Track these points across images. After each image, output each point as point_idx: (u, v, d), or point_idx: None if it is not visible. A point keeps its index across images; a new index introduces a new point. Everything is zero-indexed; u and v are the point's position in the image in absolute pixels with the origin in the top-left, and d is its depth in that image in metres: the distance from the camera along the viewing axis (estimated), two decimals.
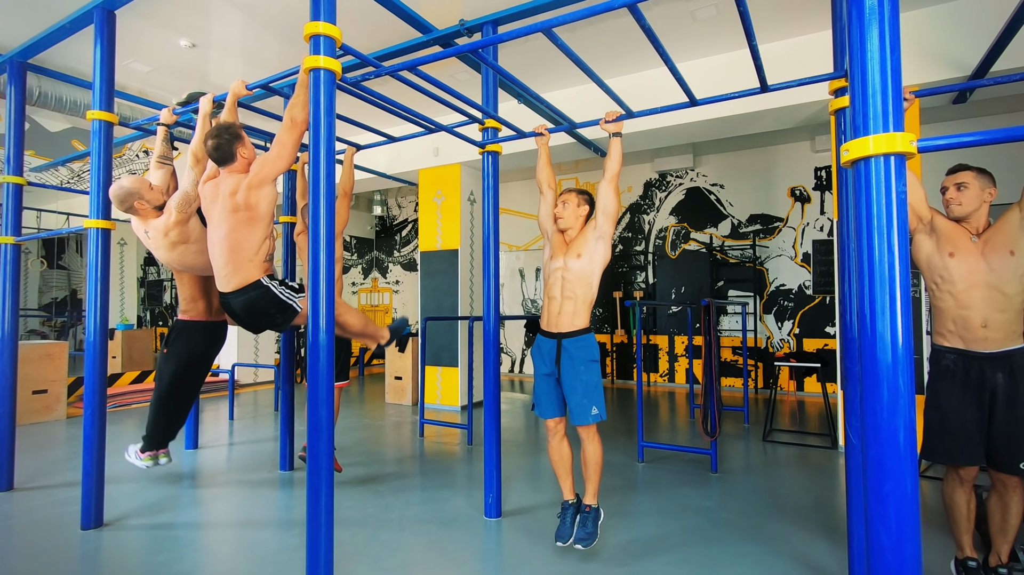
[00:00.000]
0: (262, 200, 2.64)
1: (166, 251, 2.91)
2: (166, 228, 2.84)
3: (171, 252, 2.91)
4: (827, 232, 6.97)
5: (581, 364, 2.60)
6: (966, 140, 1.20)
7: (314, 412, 2.03)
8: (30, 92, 4.43)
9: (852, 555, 2.27)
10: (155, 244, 2.92)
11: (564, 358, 2.64)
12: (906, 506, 1.16)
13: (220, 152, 2.65)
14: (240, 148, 2.68)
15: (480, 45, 2.28)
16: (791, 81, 2.61)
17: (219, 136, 2.64)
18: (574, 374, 2.60)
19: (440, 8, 4.03)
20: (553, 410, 2.73)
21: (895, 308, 1.18)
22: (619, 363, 8.27)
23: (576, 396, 2.59)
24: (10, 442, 3.61)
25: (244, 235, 2.66)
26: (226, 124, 2.70)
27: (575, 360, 2.61)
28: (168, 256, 2.94)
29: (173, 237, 2.86)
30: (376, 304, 10.79)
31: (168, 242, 2.87)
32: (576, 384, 2.60)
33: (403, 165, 6.74)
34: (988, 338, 2.13)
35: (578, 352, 2.62)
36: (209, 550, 2.78)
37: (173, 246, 2.88)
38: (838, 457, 4.29)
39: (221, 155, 2.66)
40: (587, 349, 2.63)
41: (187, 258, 2.94)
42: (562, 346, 2.64)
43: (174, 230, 2.84)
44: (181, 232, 2.86)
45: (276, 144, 2.58)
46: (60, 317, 12.75)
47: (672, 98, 4.60)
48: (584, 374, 2.60)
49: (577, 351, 2.62)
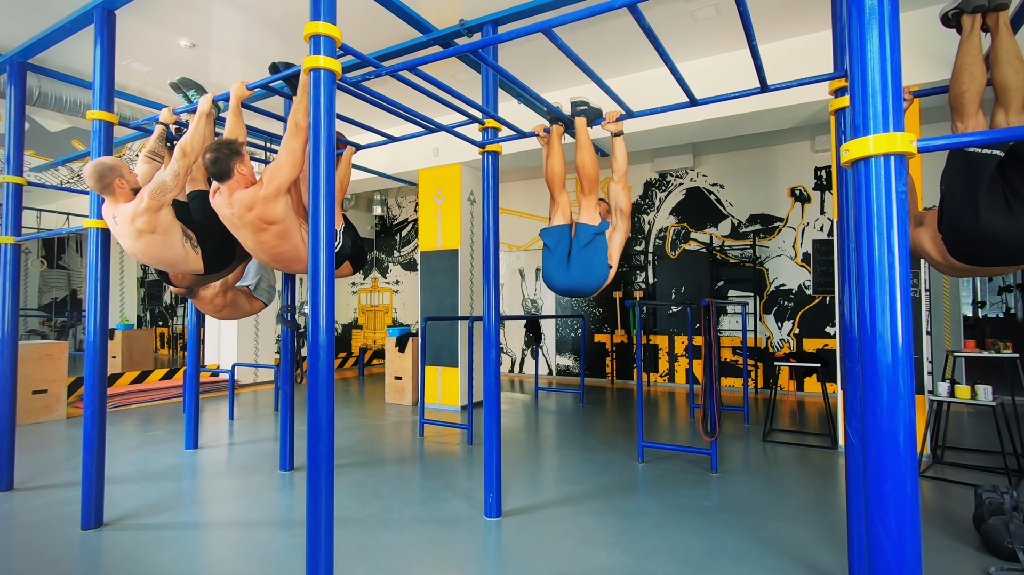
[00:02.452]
0: (280, 210, 2.64)
1: (131, 239, 2.78)
2: (135, 214, 2.71)
3: (136, 241, 2.77)
4: (827, 232, 6.97)
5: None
6: (966, 140, 1.20)
7: (314, 412, 2.03)
8: (30, 92, 4.43)
9: (852, 555, 2.27)
10: (121, 231, 2.79)
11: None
12: (906, 506, 1.16)
13: (217, 167, 2.60)
14: (238, 165, 2.63)
15: (480, 45, 2.28)
16: (791, 81, 2.61)
17: (218, 151, 2.60)
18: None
19: (440, 8, 4.03)
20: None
21: (895, 308, 1.18)
22: (619, 363, 8.27)
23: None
24: (10, 442, 3.61)
25: (287, 247, 2.70)
26: (227, 140, 2.67)
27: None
28: (133, 245, 2.80)
29: (140, 224, 2.71)
30: (376, 304, 10.79)
31: (134, 229, 2.73)
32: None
33: (403, 165, 6.74)
34: None
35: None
36: (209, 550, 2.78)
37: (139, 234, 2.74)
38: (838, 457, 4.29)
39: (218, 170, 2.61)
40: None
41: (152, 249, 2.80)
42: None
43: (142, 217, 2.70)
44: (149, 220, 2.71)
45: (284, 151, 2.56)
46: (60, 317, 12.76)
47: (672, 98, 4.60)
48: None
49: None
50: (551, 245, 2.85)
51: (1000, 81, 2.05)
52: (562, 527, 2.99)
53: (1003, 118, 2.05)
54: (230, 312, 3.93)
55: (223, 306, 3.84)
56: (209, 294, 3.76)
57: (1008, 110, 2.03)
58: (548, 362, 8.89)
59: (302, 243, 2.76)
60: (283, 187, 2.60)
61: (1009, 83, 2.02)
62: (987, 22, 2.11)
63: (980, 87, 2.06)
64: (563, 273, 2.80)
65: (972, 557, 2.60)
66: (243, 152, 2.68)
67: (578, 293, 2.84)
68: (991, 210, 1.94)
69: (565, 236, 2.84)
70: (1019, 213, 1.91)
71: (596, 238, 2.75)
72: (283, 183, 2.60)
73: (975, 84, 2.06)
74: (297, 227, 2.74)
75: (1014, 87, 2.02)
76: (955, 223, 2.05)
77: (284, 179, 2.60)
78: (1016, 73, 2.02)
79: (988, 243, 2.00)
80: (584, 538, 2.85)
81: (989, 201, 1.95)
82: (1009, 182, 1.93)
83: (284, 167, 2.57)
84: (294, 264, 2.84)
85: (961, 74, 2.08)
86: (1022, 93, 2.02)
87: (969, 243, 2.05)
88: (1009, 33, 2.07)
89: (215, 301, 3.79)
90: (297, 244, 2.75)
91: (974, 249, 2.06)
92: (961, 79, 2.08)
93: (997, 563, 2.52)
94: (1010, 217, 1.92)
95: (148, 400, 6.84)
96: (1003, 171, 1.95)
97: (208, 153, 2.63)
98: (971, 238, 2.03)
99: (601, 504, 3.32)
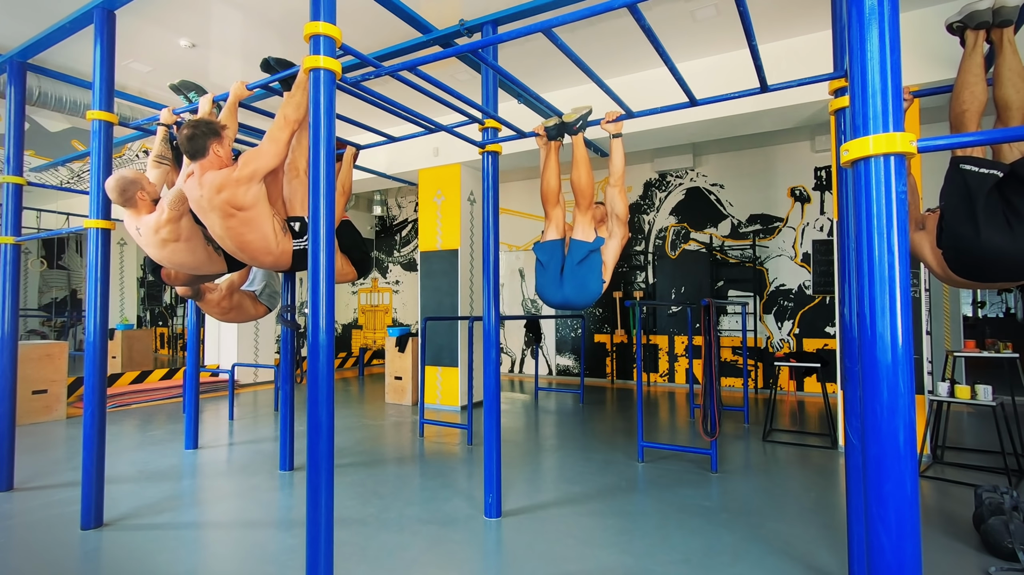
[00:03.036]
0: (251, 196, 2.58)
1: (156, 248, 2.87)
2: (157, 225, 2.79)
3: (161, 250, 2.86)
4: (827, 232, 6.97)
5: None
6: (966, 140, 1.20)
7: (314, 412, 2.03)
8: (30, 92, 4.43)
9: (852, 555, 2.27)
10: (146, 241, 2.87)
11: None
12: (906, 506, 1.16)
13: (193, 144, 2.56)
14: (215, 145, 2.59)
15: (480, 45, 2.28)
16: (791, 81, 2.61)
17: (196, 127, 2.57)
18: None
19: (440, 8, 4.03)
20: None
21: (895, 308, 1.18)
22: (619, 363, 8.27)
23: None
24: (10, 442, 3.61)
25: (254, 236, 2.64)
26: (208, 119, 2.66)
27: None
28: (159, 254, 2.89)
29: (164, 235, 2.80)
30: (376, 304, 10.79)
31: (159, 239, 2.82)
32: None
33: (403, 165, 6.74)
34: None
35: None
36: (209, 550, 2.78)
37: (164, 243, 2.83)
38: (838, 457, 4.29)
39: (193, 147, 2.57)
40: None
41: (177, 256, 2.89)
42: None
43: (165, 227, 2.78)
44: (172, 230, 2.80)
45: (267, 139, 2.54)
46: (60, 317, 12.75)
47: (672, 98, 4.59)
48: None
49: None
50: (544, 261, 2.83)
51: (1002, 99, 2.05)
52: (562, 527, 2.99)
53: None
54: (235, 315, 3.94)
55: (228, 309, 3.85)
56: (215, 297, 3.77)
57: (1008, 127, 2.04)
58: (548, 362, 8.89)
59: (272, 235, 2.68)
60: (258, 173, 2.56)
61: (1011, 102, 2.03)
62: (991, 37, 2.10)
63: (981, 106, 2.07)
64: (556, 289, 2.78)
65: (972, 557, 2.59)
66: (223, 135, 2.64)
67: (571, 308, 2.84)
68: (991, 228, 1.94)
69: (559, 251, 2.82)
70: (1019, 231, 1.91)
71: (591, 255, 2.73)
72: (259, 169, 2.55)
73: (976, 103, 2.07)
74: (269, 218, 2.68)
75: (1015, 106, 2.02)
76: (955, 240, 2.05)
77: (261, 165, 2.55)
78: (1018, 93, 2.02)
79: (989, 260, 1.99)
80: (584, 538, 2.85)
81: (989, 219, 1.95)
82: (1009, 201, 1.93)
83: (264, 154, 2.54)
84: (261, 256, 2.74)
85: (962, 92, 2.09)
86: (1023, 112, 2.02)
87: (969, 260, 2.05)
88: (1014, 51, 2.06)
89: (221, 304, 3.80)
90: (267, 235, 2.67)
91: (974, 266, 2.06)
92: (962, 98, 2.08)
93: (997, 563, 2.52)
94: (1010, 235, 1.92)
95: (148, 400, 6.84)
96: (1003, 190, 1.95)
97: (185, 129, 2.58)
98: (971, 255, 2.03)
99: (601, 504, 3.32)
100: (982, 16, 2.07)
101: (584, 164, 2.81)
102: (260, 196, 2.62)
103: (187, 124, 2.60)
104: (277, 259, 2.78)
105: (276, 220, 2.73)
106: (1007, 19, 2.04)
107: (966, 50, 2.13)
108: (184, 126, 2.61)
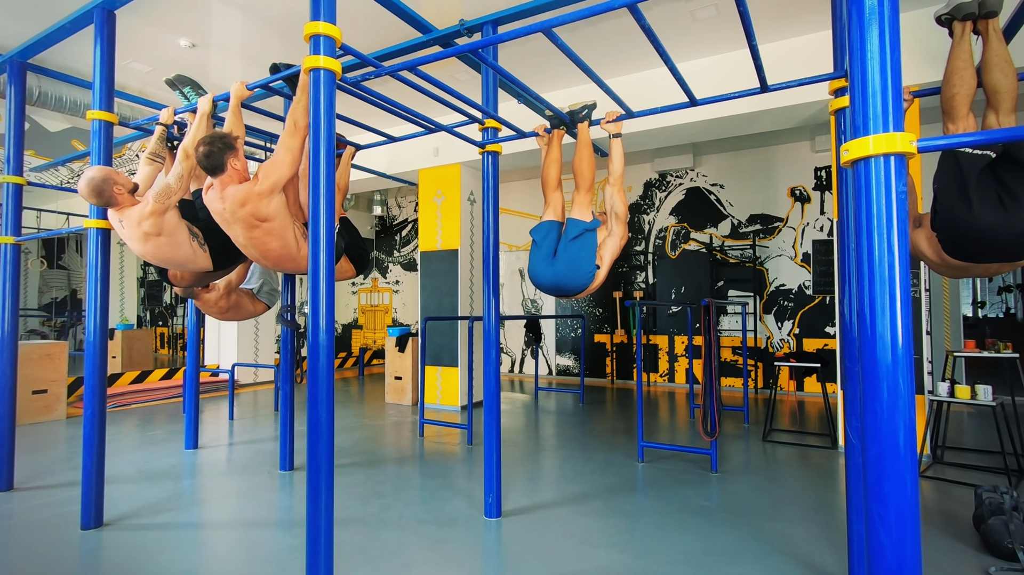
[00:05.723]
0: (274, 207, 2.62)
1: (139, 243, 2.80)
2: (140, 217, 2.72)
3: (144, 244, 2.80)
4: (827, 232, 6.97)
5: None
6: (966, 140, 1.20)
7: (314, 412, 2.03)
8: (30, 92, 4.43)
9: (852, 555, 2.27)
10: (129, 234, 2.80)
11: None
12: (906, 506, 1.16)
13: (211, 160, 2.59)
14: (232, 159, 2.61)
15: (480, 45, 2.28)
16: (791, 81, 2.61)
17: (212, 144, 2.58)
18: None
19: (440, 8, 4.03)
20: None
21: (895, 308, 1.18)
22: (619, 363, 8.27)
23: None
24: (10, 442, 3.61)
25: (277, 244, 2.67)
26: (221, 133, 2.66)
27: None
28: (142, 248, 2.83)
29: (147, 227, 2.73)
30: (376, 304, 10.79)
31: (141, 232, 2.75)
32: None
33: (403, 165, 6.74)
34: None
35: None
36: (209, 550, 2.78)
37: (146, 237, 2.76)
38: (838, 457, 4.29)
39: (211, 164, 2.59)
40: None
41: (161, 251, 2.83)
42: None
43: (148, 220, 2.71)
44: (155, 223, 2.73)
45: (281, 149, 2.56)
46: (60, 317, 12.75)
47: (672, 98, 4.59)
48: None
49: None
50: (539, 239, 2.82)
51: (991, 85, 2.11)
52: (562, 527, 2.99)
53: (994, 119, 2.11)
54: (233, 314, 3.93)
55: (227, 308, 3.84)
56: (213, 296, 3.76)
57: (999, 112, 2.10)
58: (548, 362, 8.89)
59: (294, 242, 2.73)
60: (278, 184, 2.59)
61: (999, 86, 2.09)
62: (978, 27, 2.17)
63: (970, 90, 2.12)
64: (547, 267, 2.75)
65: (972, 557, 2.60)
66: (238, 147, 2.66)
67: (562, 290, 2.77)
68: (984, 205, 1.99)
69: (554, 231, 2.81)
70: (1012, 210, 1.96)
71: (585, 233, 2.72)
72: (279, 180, 2.58)
73: (965, 87, 2.12)
74: (291, 225, 2.71)
75: (1004, 90, 2.08)
76: (948, 217, 2.10)
77: (280, 176, 2.58)
78: (1006, 77, 2.08)
79: (982, 237, 2.04)
80: (584, 538, 2.85)
81: (982, 197, 2.00)
82: (1002, 180, 1.98)
83: (281, 164, 2.56)
84: (285, 263, 2.81)
85: (952, 78, 2.14)
86: (1012, 96, 2.08)
87: (963, 237, 2.09)
88: (999, 39, 2.12)
89: (219, 303, 3.79)
90: (289, 243, 2.72)
91: (968, 243, 2.10)
92: (952, 82, 2.14)
93: (997, 563, 2.52)
94: (1003, 212, 1.97)
95: (148, 400, 6.84)
96: (996, 171, 2.00)
97: (202, 146, 2.59)
98: (964, 232, 2.07)
99: (601, 504, 3.32)
100: (968, 8, 2.14)
101: (587, 147, 2.84)
102: (281, 206, 2.66)
103: (202, 141, 2.61)
104: (298, 265, 2.82)
105: (296, 226, 2.76)
106: (992, 10, 2.11)
107: (954, 39, 2.20)
108: (200, 143, 2.61)
